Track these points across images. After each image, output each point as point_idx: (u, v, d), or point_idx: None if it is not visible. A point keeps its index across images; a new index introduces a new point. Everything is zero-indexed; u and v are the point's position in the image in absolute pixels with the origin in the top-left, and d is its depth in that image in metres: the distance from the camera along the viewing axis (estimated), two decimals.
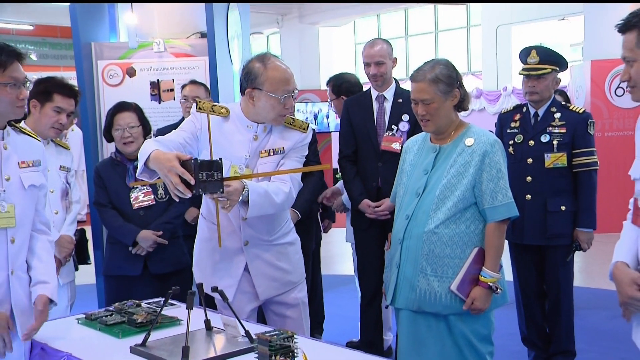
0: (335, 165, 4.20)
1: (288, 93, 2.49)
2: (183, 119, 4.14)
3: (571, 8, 11.51)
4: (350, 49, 16.78)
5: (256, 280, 2.63)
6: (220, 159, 2.17)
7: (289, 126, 2.61)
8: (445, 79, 2.48)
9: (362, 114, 3.62)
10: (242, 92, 2.54)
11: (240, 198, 2.35)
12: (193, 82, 4.10)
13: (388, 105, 3.59)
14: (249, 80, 2.50)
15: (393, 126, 3.51)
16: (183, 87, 4.12)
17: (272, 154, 2.57)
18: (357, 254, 3.80)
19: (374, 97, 3.63)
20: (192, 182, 2.14)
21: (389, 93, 3.60)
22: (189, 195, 2.18)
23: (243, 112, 2.58)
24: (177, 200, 2.24)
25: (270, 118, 2.53)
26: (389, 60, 3.57)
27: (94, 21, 4.76)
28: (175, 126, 4.13)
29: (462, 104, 2.55)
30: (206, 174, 2.08)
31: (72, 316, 2.52)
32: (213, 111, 2.56)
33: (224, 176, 2.18)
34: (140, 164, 2.34)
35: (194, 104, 2.59)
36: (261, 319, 2.94)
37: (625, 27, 1.87)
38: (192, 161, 2.14)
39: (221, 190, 2.14)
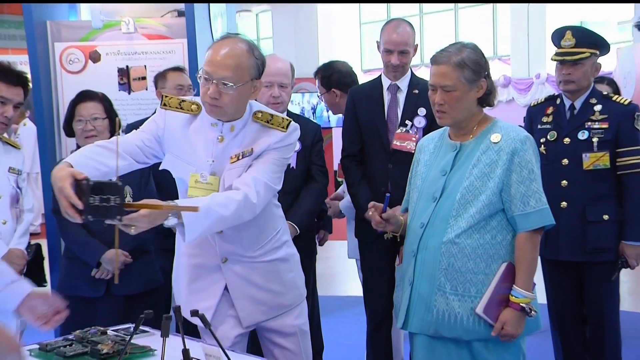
0: (335, 167, 4.20)
1: (206, 74, 2.44)
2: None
3: None
4: (355, 30, 16.80)
5: (237, 303, 2.64)
6: (121, 181, 2.16)
7: (266, 124, 2.57)
8: (472, 65, 2.50)
9: (370, 107, 3.63)
10: None
11: (169, 221, 2.30)
12: (178, 69, 4.06)
13: (402, 97, 3.60)
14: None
15: (407, 121, 3.52)
16: (161, 76, 4.07)
17: (240, 157, 2.54)
18: (363, 271, 3.81)
19: (385, 87, 3.64)
20: (80, 206, 2.16)
21: (404, 83, 3.61)
22: (78, 220, 2.19)
23: None
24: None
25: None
26: (412, 47, 3.59)
27: None
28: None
29: (487, 98, 2.57)
30: (100, 198, 2.09)
31: (24, 347, 2.52)
32: (181, 107, 2.57)
33: (128, 200, 2.18)
34: None
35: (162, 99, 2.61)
36: (257, 348, 2.94)
37: None
38: (85, 182, 2.16)
39: (119, 217, 2.14)
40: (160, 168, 2.63)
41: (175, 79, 4.03)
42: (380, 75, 3.69)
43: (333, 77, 4.19)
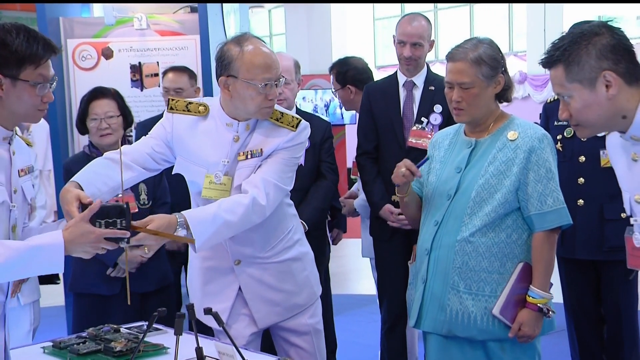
0: (349, 164, 4.20)
1: (269, 81, 2.46)
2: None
3: None
4: (369, 26, 16.77)
5: (252, 305, 2.65)
6: (127, 203, 2.16)
7: (276, 123, 2.57)
8: (489, 61, 2.49)
9: (385, 103, 3.62)
10: (218, 81, 2.54)
11: (178, 233, 2.33)
12: (174, 70, 4.11)
13: (417, 93, 3.59)
14: (222, 67, 2.50)
15: (423, 118, 3.51)
16: (164, 74, 4.14)
17: (249, 156, 2.55)
18: (377, 269, 3.81)
19: (400, 83, 3.63)
20: None
21: (419, 79, 3.60)
22: None
23: (222, 107, 2.58)
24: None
25: (251, 111, 2.52)
26: (427, 42, 3.58)
27: None
28: (154, 120, 4.17)
29: (505, 94, 2.56)
30: (105, 222, 2.10)
31: (38, 344, 2.54)
32: (188, 110, 2.58)
33: (132, 222, 2.17)
34: None
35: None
36: (269, 345, 2.95)
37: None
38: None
39: (126, 240, 2.14)
40: (173, 173, 2.63)
41: (166, 79, 4.06)
42: (396, 72, 3.69)
43: (349, 73, 4.18)
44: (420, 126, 3.51)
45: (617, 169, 2.09)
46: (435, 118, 3.50)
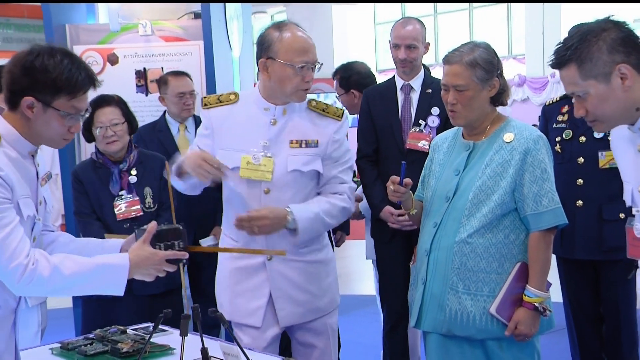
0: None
1: (306, 63, 2.54)
2: (165, 113, 4.18)
3: None
4: (369, 30, 16.77)
5: (278, 302, 2.67)
6: (182, 224, 2.19)
7: (322, 113, 2.69)
8: (484, 65, 2.50)
9: (384, 107, 3.63)
10: (258, 64, 2.62)
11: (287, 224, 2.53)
12: (180, 75, 4.10)
13: (415, 97, 3.60)
14: (262, 49, 2.59)
15: (420, 121, 3.52)
16: (164, 81, 4.11)
17: (304, 145, 2.64)
18: (379, 270, 3.81)
19: (398, 87, 3.64)
20: None
21: (417, 82, 3.61)
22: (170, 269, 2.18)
23: (260, 92, 2.66)
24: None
25: (288, 92, 2.59)
26: (422, 44, 3.59)
27: None
28: (156, 124, 4.16)
29: (500, 97, 2.57)
30: (164, 245, 2.11)
31: (45, 345, 2.55)
32: (220, 101, 2.67)
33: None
34: None
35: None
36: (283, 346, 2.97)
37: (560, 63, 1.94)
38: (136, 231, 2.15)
39: (185, 262, 2.16)
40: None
41: (176, 85, 4.05)
42: (394, 76, 3.70)
43: (352, 78, 4.19)
44: (418, 129, 3.51)
45: (622, 161, 2.10)
46: (433, 120, 3.51)
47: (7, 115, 2.00)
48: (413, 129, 3.53)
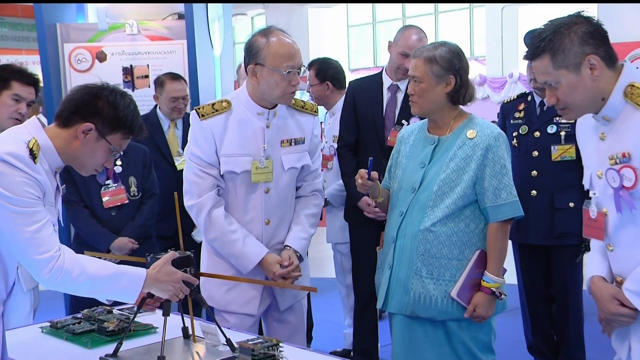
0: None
1: (292, 69, 2.52)
2: (156, 107, 4.11)
3: None
4: (343, 32, 16.76)
5: (278, 289, 2.66)
6: (193, 251, 2.16)
7: (301, 109, 2.69)
8: (441, 62, 2.50)
9: (369, 102, 3.57)
10: (246, 70, 2.58)
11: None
12: (176, 78, 3.98)
13: (401, 97, 3.53)
14: (250, 56, 2.54)
15: (403, 121, 3.46)
16: (160, 82, 4.01)
17: (293, 144, 2.65)
18: (352, 253, 3.80)
19: (385, 85, 3.59)
20: None
21: (404, 84, 3.54)
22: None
23: (250, 96, 2.61)
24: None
25: (276, 96, 2.57)
26: None
27: None
28: (148, 117, 4.11)
29: (456, 95, 2.55)
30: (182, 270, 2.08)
31: (36, 324, 2.52)
32: (215, 110, 2.58)
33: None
34: None
35: (194, 114, 2.58)
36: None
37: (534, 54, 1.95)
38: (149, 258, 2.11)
39: (195, 287, 2.12)
40: (221, 173, 2.59)
41: (171, 89, 3.96)
42: (381, 73, 3.63)
43: (330, 71, 4.16)
44: (400, 128, 3.47)
45: (585, 148, 2.11)
46: (415, 121, 3.48)
47: (50, 130, 1.99)
48: (395, 127, 3.48)
